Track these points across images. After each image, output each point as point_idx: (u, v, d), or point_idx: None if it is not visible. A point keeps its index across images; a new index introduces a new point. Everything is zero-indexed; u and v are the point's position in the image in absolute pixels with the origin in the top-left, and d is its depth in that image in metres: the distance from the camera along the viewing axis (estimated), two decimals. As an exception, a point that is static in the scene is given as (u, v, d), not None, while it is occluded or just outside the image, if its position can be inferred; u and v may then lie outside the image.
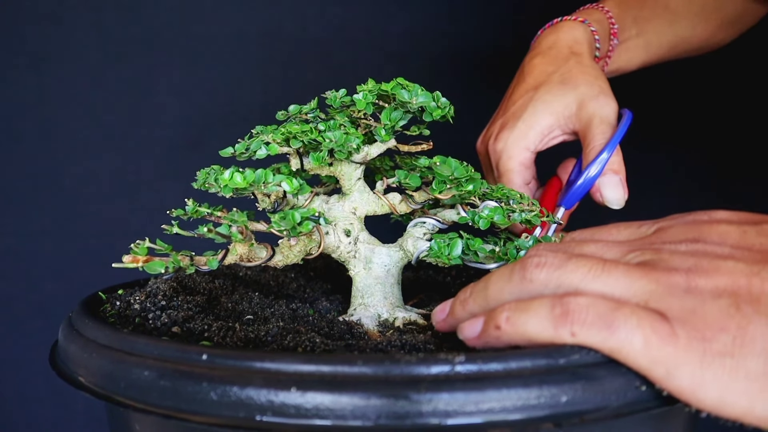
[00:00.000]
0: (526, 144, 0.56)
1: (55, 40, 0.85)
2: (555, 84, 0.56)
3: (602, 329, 0.29)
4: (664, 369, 0.28)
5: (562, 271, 0.31)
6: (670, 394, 0.29)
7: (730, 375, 0.27)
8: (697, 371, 0.27)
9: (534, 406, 0.28)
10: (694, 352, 0.27)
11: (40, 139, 0.86)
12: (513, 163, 0.56)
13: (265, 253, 0.43)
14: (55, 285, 0.88)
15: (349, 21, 0.90)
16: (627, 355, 0.28)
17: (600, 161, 0.52)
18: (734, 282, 0.29)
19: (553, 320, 0.29)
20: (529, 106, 0.56)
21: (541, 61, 0.58)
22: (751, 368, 0.27)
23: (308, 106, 0.47)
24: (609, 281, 0.30)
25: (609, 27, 0.62)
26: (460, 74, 0.93)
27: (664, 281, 0.29)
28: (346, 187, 0.46)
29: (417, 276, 0.59)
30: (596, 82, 0.55)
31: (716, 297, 0.28)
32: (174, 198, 0.49)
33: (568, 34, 0.59)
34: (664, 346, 0.28)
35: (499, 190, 0.45)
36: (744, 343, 0.27)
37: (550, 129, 0.56)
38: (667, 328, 0.28)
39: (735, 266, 0.29)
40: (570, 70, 0.56)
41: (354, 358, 0.29)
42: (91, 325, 0.37)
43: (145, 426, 0.35)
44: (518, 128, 0.56)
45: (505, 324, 0.31)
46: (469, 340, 0.33)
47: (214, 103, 0.89)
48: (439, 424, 0.28)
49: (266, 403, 0.29)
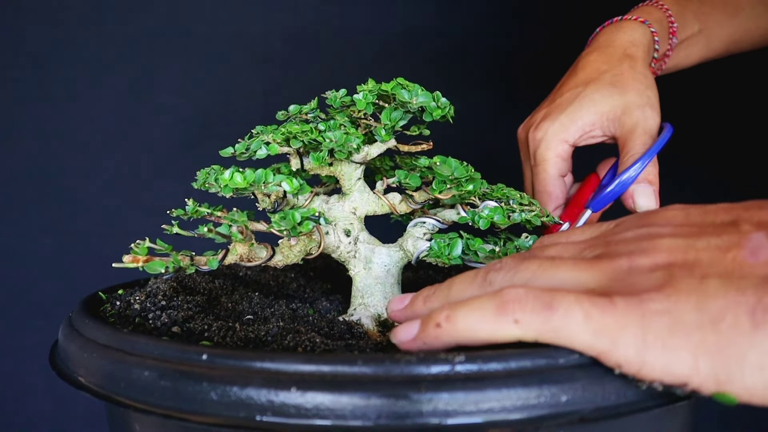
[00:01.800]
0: (565, 136, 0.56)
1: (55, 40, 0.85)
2: (605, 84, 0.55)
3: (542, 310, 0.29)
4: (608, 339, 0.28)
5: (515, 271, 0.32)
6: (620, 370, 0.28)
7: (670, 331, 0.27)
8: (639, 334, 0.28)
9: (534, 406, 0.28)
10: (633, 315, 0.28)
11: (40, 139, 0.86)
12: (550, 153, 0.56)
13: (265, 253, 0.43)
14: (55, 285, 0.88)
15: (349, 21, 0.90)
16: (570, 332, 0.28)
17: (636, 168, 0.53)
18: (671, 256, 0.30)
19: (494, 310, 0.30)
20: (575, 101, 0.56)
21: (596, 58, 0.58)
22: (687, 321, 0.27)
23: (308, 106, 0.47)
24: (557, 275, 0.31)
25: (668, 26, 0.61)
26: (460, 74, 0.93)
27: (608, 268, 0.30)
28: (346, 187, 0.46)
29: (417, 276, 0.59)
30: (646, 92, 0.55)
31: (653, 271, 0.29)
32: (174, 198, 0.49)
33: (627, 35, 0.58)
34: (604, 315, 0.28)
35: (499, 190, 0.45)
36: (678, 298, 0.28)
37: (591, 126, 0.56)
38: (605, 300, 0.29)
39: (673, 242, 0.30)
40: (622, 73, 0.56)
41: (354, 357, 0.29)
42: (91, 325, 0.37)
43: (145, 426, 0.35)
44: (560, 120, 0.56)
45: (445, 322, 0.31)
46: (404, 343, 0.32)
47: (214, 103, 0.89)
48: (439, 423, 0.28)
49: (266, 403, 0.29)
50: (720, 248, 0.29)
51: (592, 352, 0.29)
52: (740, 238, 0.29)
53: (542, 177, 0.57)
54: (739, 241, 0.29)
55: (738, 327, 0.27)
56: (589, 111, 0.55)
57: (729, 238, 0.30)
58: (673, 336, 0.27)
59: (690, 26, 0.63)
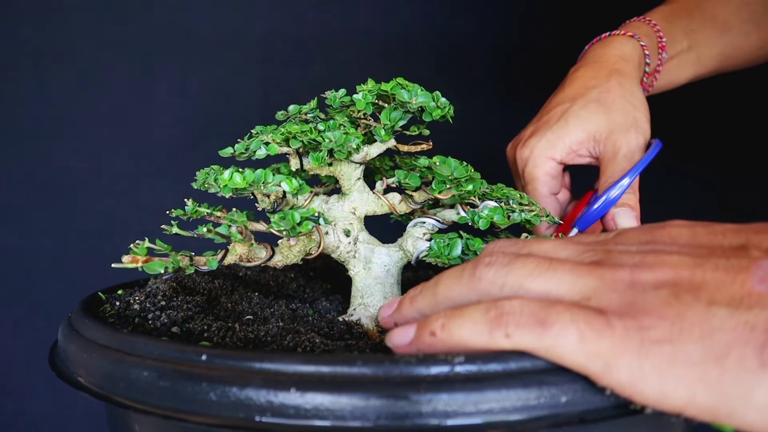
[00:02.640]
0: (552, 153, 0.55)
1: (55, 40, 0.85)
2: (591, 101, 0.55)
3: (535, 327, 0.28)
4: (602, 362, 0.27)
5: (508, 269, 0.31)
6: (612, 391, 0.28)
7: (670, 362, 0.26)
8: (635, 361, 0.27)
9: (533, 407, 0.28)
10: (631, 342, 0.27)
11: (40, 139, 0.86)
12: (538, 171, 0.56)
13: (264, 253, 0.43)
14: (55, 285, 0.88)
15: (349, 21, 0.90)
16: (563, 351, 0.28)
17: (616, 189, 0.52)
18: (676, 274, 0.28)
19: (488, 324, 0.29)
20: (561, 118, 0.55)
21: (584, 73, 0.58)
22: (690, 354, 0.26)
23: (308, 106, 0.47)
24: (553, 278, 0.30)
25: (657, 41, 0.61)
26: (460, 74, 0.93)
27: (608, 277, 0.29)
28: (345, 187, 0.46)
29: (417, 276, 0.59)
30: (632, 113, 0.54)
31: (657, 288, 0.28)
32: (174, 198, 0.49)
33: (616, 49, 0.58)
34: (600, 339, 0.27)
35: (499, 190, 0.45)
36: (682, 328, 0.27)
37: (578, 145, 0.55)
38: (602, 321, 0.27)
39: (679, 260, 0.29)
40: (610, 90, 0.55)
41: (354, 358, 0.29)
42: (90, 325, 0.37)
43: (144, 426, 0.35)
44: (546, 137, 0.55)
45: (441, 331, 0.30)
46: (400, 347, 0.32)
47: (214, 103, 0.89)
48: (438, 424, 0.28)
49: (266, 403, 0.29)
50: (729, 272, 0.28)
51: (584, 373, 0.28)
52: (750, 263, 0.28)
53: (533, 196, 0.56)
54: (749, 266, 0.28)
55: (744, 364, 0.26)
56: (576, 129, 0.55)
57: (738, 262, 0.28)
58: (673, 368, 0.26)
59: (679, 42, 0.62)
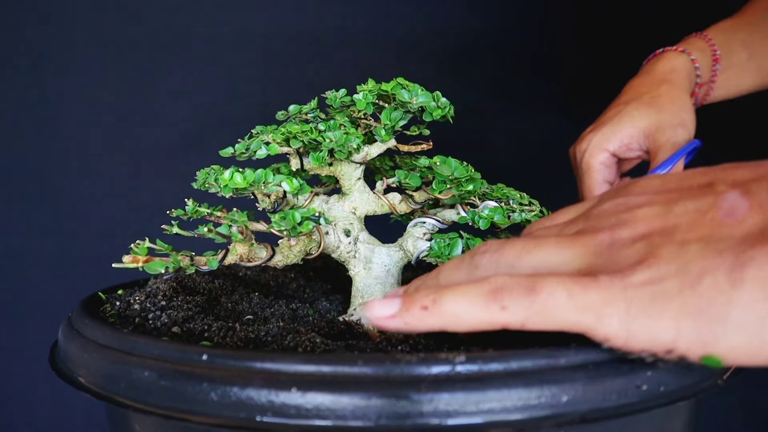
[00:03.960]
0: (606, 145, 0.62)
1: (55, 40, 0.85)
2: (643, 103, 0.62)
3: (527, 294, 0.29)
4: (593, 314, 0.28)
5: (499, 254, 0.33)
6: (607, 344, 0.29)
7: (652, 300, 0.28)
8: (622, 306, 0.28)
9: (534, 406, 0.28)
10: (615, 290, 0.28)
11: (40, 139, 0.86)
12: (593, 161, 0.62)
13: (265, 253, 0.43)
14: (55, 285, 0.88)
15: (349, 21, 0.90)
16: (555, 310, 0.29)
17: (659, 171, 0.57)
18: (649, 225, 0.30)
19: (483, 297, 0.30)
20: (616, 117, 0.62)
21: (638, 82, 0.65)
22: (669, 288, 0.28)
23: (308, 106, 0.47)
24: (540, 254, 0.32)
25: (712, 53, 0.66)
26: (461, 74, 0.93)
27: (590, 243, 0.31)
28: (346, 187, 0.46)
29: (417, 276, 0.59)
30: (680, 114, 0.61)
31: (635, 242, 0.30)
32: (174, 198, 0.49)
33: (667, 63, 0.65)
34: (587, 292, 0.28)
35: (499, 190, 0.45)
36: (659, 268, 0.28)
37: (630, 139, 0.61)
38: (588, 277, 0.29)
39: (650, 211, 0.31)
40: (660, 95, 0.62)
41: (354, 358, 0.29)
42: (91, 325, 0.37)
43: (145, 426, 0.35)
44: (602, 132, 0.62)
45: (432, 305, 0.31)
46: (380, 318, 0.31)
47: (214, 103, 0.89)
48: (439, 424, 0.28)
49: (266, 403, 0.29)
50: (698, 211, 0.30)
51: (579, 329, 0.29)
52: (716, 198, 0.30)
53: (588, 183, 0.62)
54: (715, 201, 0.30)
55: (717, 287, 0.27)
56: (628, 125, 0.61)
57: (705, 200, 0.30)
58: (655, 303, 0.28)
59: (737, 54, 0.67)
